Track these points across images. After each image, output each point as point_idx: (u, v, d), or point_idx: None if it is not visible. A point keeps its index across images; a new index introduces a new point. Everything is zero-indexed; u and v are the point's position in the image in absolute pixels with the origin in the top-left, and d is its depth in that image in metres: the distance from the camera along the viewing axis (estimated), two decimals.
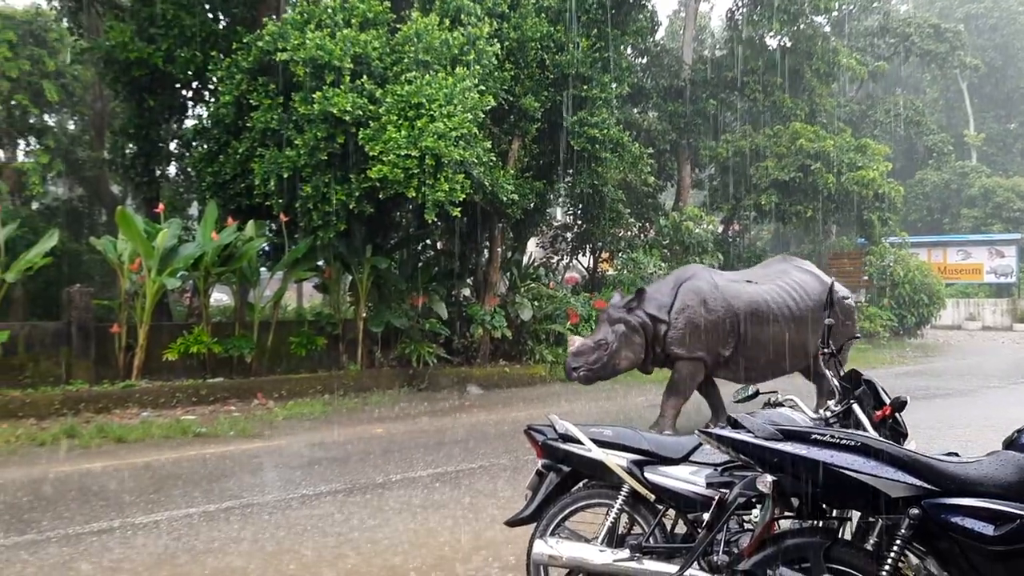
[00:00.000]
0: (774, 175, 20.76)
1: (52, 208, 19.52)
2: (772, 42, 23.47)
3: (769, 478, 2.99)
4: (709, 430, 3.21)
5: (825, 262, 25.06)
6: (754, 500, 3.41)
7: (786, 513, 3.20)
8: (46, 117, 18.90)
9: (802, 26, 22.29)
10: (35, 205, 18.22)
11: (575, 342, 9.03)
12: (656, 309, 9.00)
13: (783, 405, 4.25)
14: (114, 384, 11.10)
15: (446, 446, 8.93)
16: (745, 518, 3.69)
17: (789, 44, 22.90)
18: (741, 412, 3.45)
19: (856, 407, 3.98)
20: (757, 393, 4.38)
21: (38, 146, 17.04)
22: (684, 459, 3.97)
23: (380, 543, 5.57)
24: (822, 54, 22.82)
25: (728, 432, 3.12)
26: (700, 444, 3.93)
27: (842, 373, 4.20)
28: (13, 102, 14.61)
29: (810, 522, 3.19)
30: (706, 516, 3.66)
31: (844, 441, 2.94)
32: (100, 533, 5.76)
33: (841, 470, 2.84)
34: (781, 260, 10.82)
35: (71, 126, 21.86)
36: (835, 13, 24.77)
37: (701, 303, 9.03)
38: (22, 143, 18.34)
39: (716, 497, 3.59)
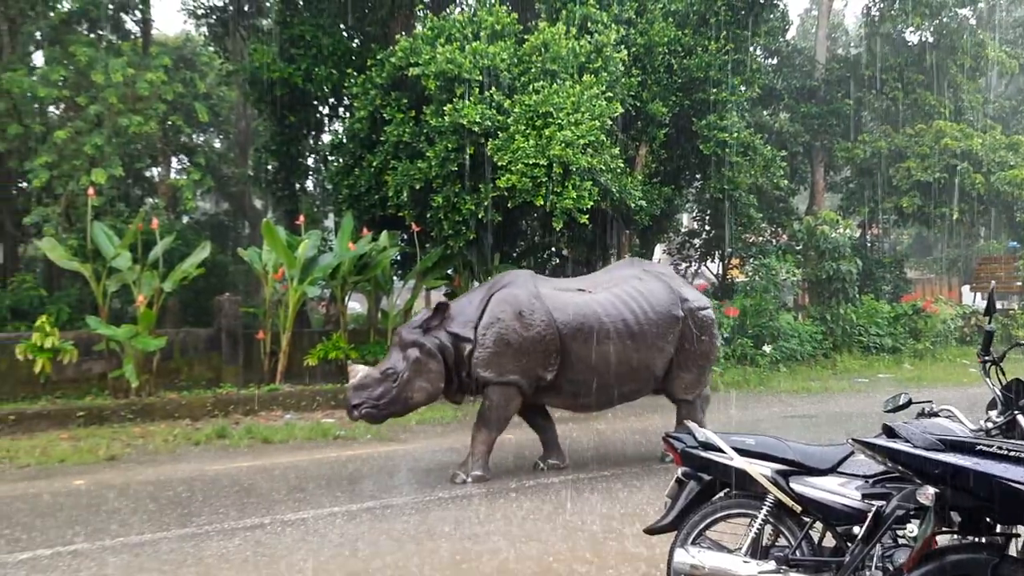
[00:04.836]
0: (916, 176, 19.78)
1: (200, 222, 20.76)
2: (912, 37, 22.45)
3: (931, 490, 2.87)
4: (864, 439, 3.10)
5: (973, 267, 23.69)
6: (911, 514, 3.27)
7: (944, 528, 3.06)
8: (195, 136, 20.12)
9: (945, 19, 21.18)
10: (185, 219, 19.39)
11: (357, 372, 7.36)
12: (460, 326, 7.52)
13: (938, 415, 4.05)
14: (260, 388, 11.68)
15: (577, 452, 8.90)
16: (899, 532, 3.54)
17: (931, 39, 21.81)
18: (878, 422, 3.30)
19: (1021, 418, 3.76)
20: (910, 402, 4.18)
21: (189, 163, 18.14)
22: (832, 470, 3.83)
23: (516, 546, 5.62)
24: (967, 48, 21.59)
25: (885, 441, 3.01)
26: (850, 454, 3.79)
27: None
28: (168, 123, 15.64)
29: (972, 538, 3.04)
30: (856, 529, 3.53)
31: (1013, 453, 2.78)
32: (253, 528, 6.07)
33: (1012, 483, 2.69)
34: (628, 264, 9.10)
35: (217, 144, 23.20)
36: (981, 4, 23.43)
37: (516, 316, 7.48)
38: (175, 161, 19.57)
39: (871, 510, 3.44)
